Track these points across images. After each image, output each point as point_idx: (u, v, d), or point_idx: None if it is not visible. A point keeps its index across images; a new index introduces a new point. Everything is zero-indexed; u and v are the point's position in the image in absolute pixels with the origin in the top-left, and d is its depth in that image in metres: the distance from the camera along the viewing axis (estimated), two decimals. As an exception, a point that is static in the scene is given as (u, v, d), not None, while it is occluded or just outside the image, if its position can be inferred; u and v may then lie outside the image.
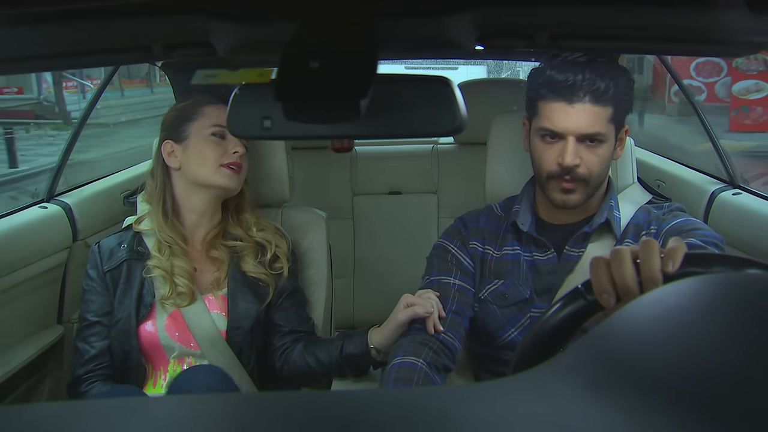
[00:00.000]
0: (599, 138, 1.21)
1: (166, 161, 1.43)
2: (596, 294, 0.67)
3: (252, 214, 1.50)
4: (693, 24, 0.71)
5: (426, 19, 0.64)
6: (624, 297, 0.67)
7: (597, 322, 0.60)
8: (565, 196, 1.23)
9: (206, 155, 1.41)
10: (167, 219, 1.42)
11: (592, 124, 1.20)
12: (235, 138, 1.41)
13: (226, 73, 1.18)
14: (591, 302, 0.67)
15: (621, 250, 0.69)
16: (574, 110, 1.19)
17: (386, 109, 0.62)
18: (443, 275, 1.30)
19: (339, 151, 0.81)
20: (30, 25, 0.65)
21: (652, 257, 0.67)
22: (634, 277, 0.67)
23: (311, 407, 0.38)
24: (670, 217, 1.26)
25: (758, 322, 0.39)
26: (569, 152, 1.20)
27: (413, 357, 1.18)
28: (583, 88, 1.18)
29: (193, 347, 1.39)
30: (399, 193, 2.44)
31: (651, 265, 0.67)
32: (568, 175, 1.21)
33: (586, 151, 1.21)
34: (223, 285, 1.44)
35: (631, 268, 0.67)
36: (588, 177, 1.22)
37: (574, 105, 1.19)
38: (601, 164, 1.23)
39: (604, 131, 1.21)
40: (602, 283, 0.67)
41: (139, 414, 0.37)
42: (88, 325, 1.41)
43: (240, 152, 1.42)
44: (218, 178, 1.41)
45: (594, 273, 0.68)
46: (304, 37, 0.57)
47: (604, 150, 1.23)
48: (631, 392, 0.35)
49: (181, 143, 1.43)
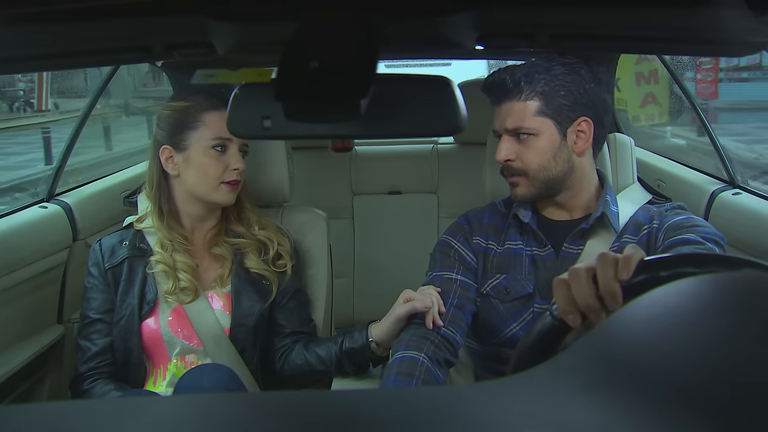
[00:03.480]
0: (526, 131, 1.26)
1: (164, 166, 1.42)
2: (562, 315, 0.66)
3: (253, 212, 1.50)
4: (693, 24, 0.71)
5: (426, 19, 0.64)
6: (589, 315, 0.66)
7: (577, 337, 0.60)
8: (513, 189, 1.30)
9: (207, 171, 1.40)
10: (163, 221, 1.42)
11: (518, 120, 1.26)
12: (236, 151, 1.41)
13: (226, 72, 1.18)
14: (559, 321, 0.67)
15: (577, 270, 0.69)
16: (499, 109, 1.29)
17: (386, 108, 0.62)
18: (445, 270, 1.31)
19: (339, 151, 0.81)
20: (30, 25, 0.65)
21: (605, 270, 0.67)
22: (592, 295, 0.67)
23: (312, 407, 0.38)
24: (671, 214, 1.26)
25: (757, 322, 0.39)
26: (499, 149, 1.29)
27: (415, 351, 1.18)
28: (501, 88, 1.27)
29: (196, 344, 1.39)
30: (399, 192, 2.44)
31: (606, 278, 0.66)
32: (506, 170, 1.30)
33: (519, 145, 1.27)
34: (226, 282, 1.44)
35: (588, 286, 0.67)
36: (525, 169, 1.27)
37: (501, 105, 1.29)
38: (538, 156, 1.27)
39: (529, 125, 1.26)
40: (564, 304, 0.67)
41: (139, 414, 0.37)
42: (89, 322, 1.41)
43: (240, 169, 1.41)
44: (217, 195, 1.41)
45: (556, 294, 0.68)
46: (304, 37, 0.57)
47: (540, 143, 1.27)
48: (631, 392, 0.35)
49: (181, 152, 1.41)
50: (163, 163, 1.42)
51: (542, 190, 1.29)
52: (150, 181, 1.44)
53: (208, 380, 1.24)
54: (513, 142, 1.27)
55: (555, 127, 1.26)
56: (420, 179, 2.41)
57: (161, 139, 1.42)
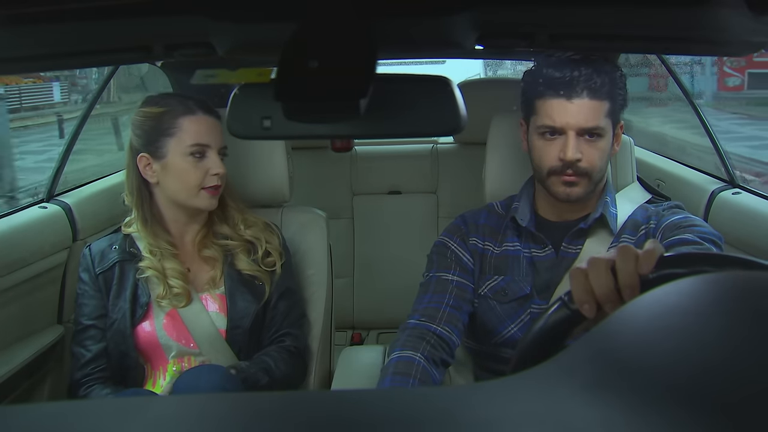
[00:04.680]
0: (598, 132, 1.24)
1: (143, 174, 1.40)
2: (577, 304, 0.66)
3: (238, 211, 1.48)
4: (693, 24, 0.71)
5: (426, 19, 0.64)
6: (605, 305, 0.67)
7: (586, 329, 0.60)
8: (569, 188, 1.25)
9: (186, 179, 1.38)
10: (148, 228, 1.41)
11: (591, 119, 1.22)
12: (215, 155, 1.39)
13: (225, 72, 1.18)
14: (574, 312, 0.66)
15: (597, 259, 0.69)
16: (573, 106, 1.22)
17: (386, 108, 0.62)
18: (442, 271, 1.31)
19: (339, 151, 0.81)
20: (29, 25, 0.65)
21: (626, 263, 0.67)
22: (611, 286, 0.67)
23: (312, 407, 0.38)
24: (669, 214, 1.27)
25: (757, 321, 0.39)
26: (570, 147, 1.22)
27: (411, 351, 1.19)
28: (581, 83, 1.21)
29: (193, 347, 1.39)
30: (399, 192, 2.44)
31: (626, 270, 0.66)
32: (570, 169, 1.24)
33: (586, 145, 1.24)
34: (219, 284, 1.43)
35: (608, 277, 0.67)
36: (590, 171, 1.25)
37: (573, 101, 1.22)
38: (601, 158, 1.26)
39: (602, 125, 1.24)
40: (581, 294, 0.66)
41: (138, 414, 0.37)
42: (82, 328, 1.40)
43: (220, 173, 1.39)
44: (198, 201, 1.40)
45: (573, 283, 0.67)
46: (303, 37, 0.57)
47: (603, 144, 1.25)
48: (631, 391, 0.35)
49: (159, 160, 1.38)
50: (141, 171, 1.39)
51: (591, 191, 1.28)
52: (130, 189, 1.42)
53: (205, 381, 1.24)
54: (580, 141, 1.24)
55: (611, 129, 1.26)
56: (420, 179, 2.41)
57: (138, 146, 1.39)
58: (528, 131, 1.30)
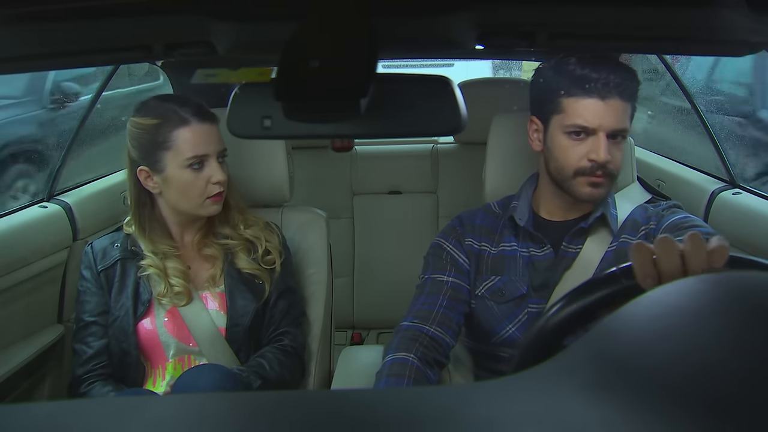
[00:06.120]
0: (623, 134, 1.24)
1: (144, 185, 1.39)
2: (639, 278, 0.67)
3: (238, 211, 1.48)
4: (693, 24, 0.71)
5: (426, 19, 0.64)
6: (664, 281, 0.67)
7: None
8: (595, 190, 1.25)
9: (189, 191, 1.37)
10: (145, 235, 1.41)
11: (622, 120, 1.23)
12: (214, 163, 1.38)
13: (226, 72, 1.17)
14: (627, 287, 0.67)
15: (669, 241, 0.70)
16: (607, 106, 1.21)
17: (386, 108, 0.62)
18: (437, 273, 1.31)
19: (339, 151, 0.82)
20: (30, 24, 0.65)
21: (699, 253, 0.68)
22: (680, 266, 0.68)
23: (312, 406, 0.38)
24: (668, 214, 1.27)
25: (757, 321, 0.39)
26: (603, 148, 1.22)
27: (404, 353, 1.19)
28: (614, 84, 1.21)
29: (193, 345, 1.39)
30: (399, 192, 2.44)
31: (698, 260, 0.68)
32: (600, 170, 1.23)
33: (612, 146, 1.24)
34: (219, 282, 1.44)
35: (679, 261, 0.68)
36: (616, 172, 1.26)
37: (607, 101, 1.21)
38: (621, 159, 1.26)
39: (628, 127, 1.25)
40: (646, 267, 0.67)
41: (138, 413, 0.37)
42: (84, 325, 1.41)
43: (222, 180, 1.38)
44: (203, 210, 1.40)
45: (638, 257, 0.68)
46: (303, 37, 0.57)
47: (625, 145, 1.27)
48: (631, 391, 0.35)
49: (159, 174, 1.36)
50: (143, 183, 1.39)
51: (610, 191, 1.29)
52: (131, 199, 1.42)
53: (205, 380, 1.24)
54: (609, 143, 1.23)
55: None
56: (420, 179, 2.41)
57: (136, 158, 1.38)
58: (546, 129, 1.29)
